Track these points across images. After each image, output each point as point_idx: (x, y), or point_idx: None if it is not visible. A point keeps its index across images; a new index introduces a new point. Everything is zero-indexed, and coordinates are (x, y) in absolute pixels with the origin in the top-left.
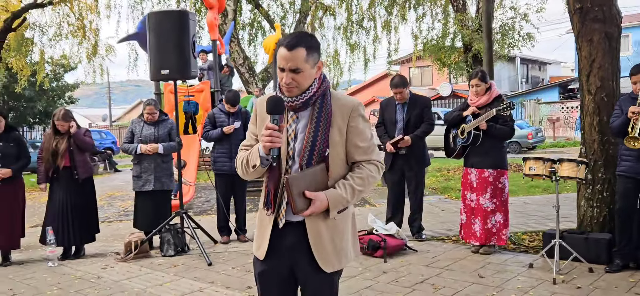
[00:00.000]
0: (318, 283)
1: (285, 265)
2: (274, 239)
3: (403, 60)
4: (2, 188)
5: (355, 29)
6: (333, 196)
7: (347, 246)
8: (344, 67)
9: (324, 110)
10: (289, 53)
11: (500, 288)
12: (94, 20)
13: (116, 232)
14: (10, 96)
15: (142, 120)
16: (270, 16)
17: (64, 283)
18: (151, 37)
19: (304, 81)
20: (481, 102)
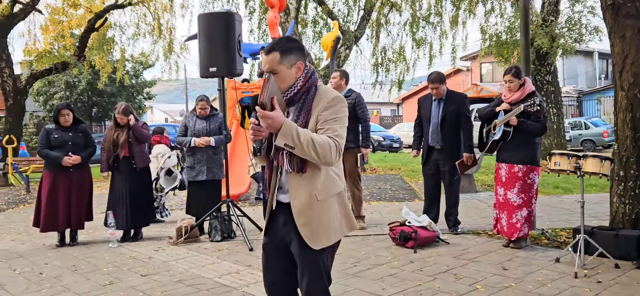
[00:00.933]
0: (305, 258)
1: (281, 240)
2: (271, 217)
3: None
4: (72, 174)
5: (422, 24)
6: (288, 124)
7: (333, 225)
8: (410, 63)
9: (306, 105)
10: (265, 57)
11: (519, 280)
12: (169, 19)
13: (174, 218)
14: (94, 92)
15: (194, 115)
16: (333, 13)
17: (118, 262)
18: (201, 37)
19: (283, 81)
20: (514, 98)
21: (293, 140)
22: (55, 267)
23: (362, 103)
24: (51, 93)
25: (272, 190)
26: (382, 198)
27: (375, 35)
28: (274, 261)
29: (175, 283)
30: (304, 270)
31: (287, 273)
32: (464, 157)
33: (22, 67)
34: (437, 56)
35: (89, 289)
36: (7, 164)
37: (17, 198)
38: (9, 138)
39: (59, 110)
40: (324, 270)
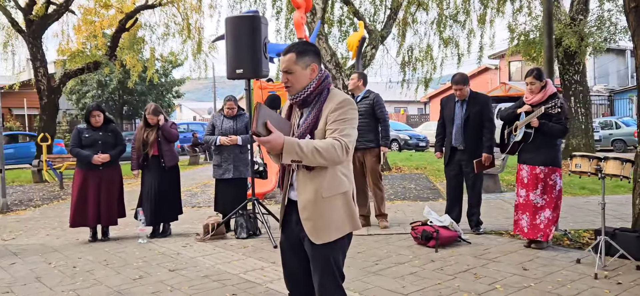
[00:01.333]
0: (314, 253)
1: (296, 236)
2: (286, 214)
3: (503, 53)
4: (102, 172)
5: (449, 23)
6: (289, 142)
7: (336, 222)
8: (437, 62)
9: (316, 107)
10: (283, 57)
11: (539, 280)
12: (198, 19)
13: (203, 216)
14: (124, 91)
15: (222, 114)
16: (359, 13)
17: (148, 257)
18: (228, 39)
19: (297, 81)
20: (535, 99)
21: (297, 155)
22: (88, 261)
23: (380, 103)
24: (84, 92)
25: (285, 188)
26: (406, 197)
27: (401, 34)
28: (290, 258)
29: (201, 278)
30: (315, 266)
31: (303, 268)
32: (483, 157)
33: (56, 66)
34: (464, 55)
35: (120, 283)
36: (42, 161)
37: (52, 195)
38: (43, 136)
39: (89, 111)
40: (335, 265)
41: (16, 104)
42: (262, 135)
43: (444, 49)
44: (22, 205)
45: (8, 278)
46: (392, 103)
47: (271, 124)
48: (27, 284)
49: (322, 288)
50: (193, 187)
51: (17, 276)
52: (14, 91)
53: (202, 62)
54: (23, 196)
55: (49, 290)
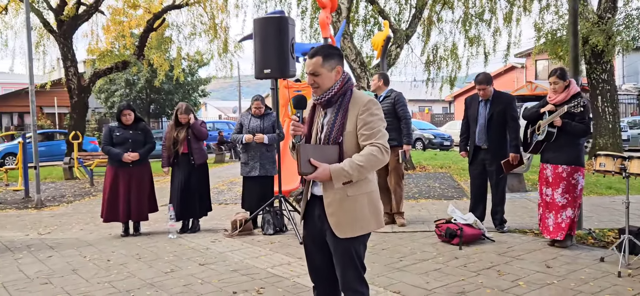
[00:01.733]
0: (337, 246)
1: (318, 230)
2: (308, 210)
3: (529, 52)
4: (132, 170)
5: (474, 21)
6: (335, 168)
7: (361, 219)
8: (462, 61)
9: (342, 107)
10: (309, 60)
11: (562, 278)
12: (224, 19)
13: (230, 212)
14: (152, 89)
15: (250, 114)
16: (384, 12)
17: (178, 252)
18: (256, 40)
19: (323, 82)
20: (559, 99)
21: (345, 177)
22: (121, 255)
23: (401, 102)
24: (112, 91)
25: (307, 183)
26: (430, 196)
27: (426, 33)
28: (313, 251)
29: (230, 272)
30: (338, 259)
31: (327, 261)
32: (510, 157)
33: (85, 65)
34: (490, 53)
35: (152, 276)
36: (73, 159)
37: (83, 191)
38: (74, 134)
39: (121, 110)
40: (357, 258)
41: (47, 102)
42: (309, 173)
43: (470, 47)
44: (55, 201)
45: (46, 270)
46: (417, 102)
47: (314, 159)
48: (64, 276)
49: (345, 279)
50: (219, 184)
51: (55, 268)
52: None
53: (227, 61)
54: (56, 192)
55: (85, 282)
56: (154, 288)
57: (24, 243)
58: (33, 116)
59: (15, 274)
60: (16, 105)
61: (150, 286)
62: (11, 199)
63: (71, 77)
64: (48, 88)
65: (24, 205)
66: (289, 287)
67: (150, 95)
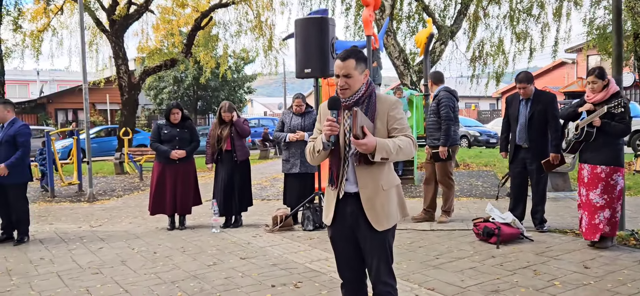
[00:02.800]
0: (372, 240)
1: (348, 227)
2: (338, 208)
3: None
4: (178, 166)
5: (522, 17)
6: (381, 143)
7: (393, 211)
8: (509, 57)
9: (370, 107)
10: (342, 63)
11: (599, 278)
12: (269, 17)
13: (272, 208)
14: (199, 87)
15: (291, 112)
16: (429, 8)
17: (221, 245)
18: (297, 40)
19: (354, 84)
20: (597, 98)
21: (387, 153)
22: (167, 248)
23: (443, 102)
24: (161, 88)
25: (340, 181)
26: (472, 194)
27: (472, 29)
28: (344, 247)
29: (270, 266)
30: (372, 251)
31: (356, 255)
32: (551, 156)
33: (135, 63)
34: (537, 49)
35: (196, 268)
36: (124, 154)
37: (132, 185)
38: (125, 130)
39: (170, 109)
40: (389, 249)
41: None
42: (360, 137)
43: (517, 43)
44: (106, 194)
45: (97, 261)
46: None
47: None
48: (113, 267)
49: (378, 271)
50: (263, 180)
51: (105, 259)
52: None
53: (272, 59)
54: (106, 186)
55: (133, 273)
56: (197, 280)
57: (77, 235)
58: (86, 113)
59: (69, 264)
60: (71, 102)
61: (193, 278)
62: (66, 192)
63: (122, 75)
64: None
65: (77, 199)
66: (325, 282)
67: (197, 92)
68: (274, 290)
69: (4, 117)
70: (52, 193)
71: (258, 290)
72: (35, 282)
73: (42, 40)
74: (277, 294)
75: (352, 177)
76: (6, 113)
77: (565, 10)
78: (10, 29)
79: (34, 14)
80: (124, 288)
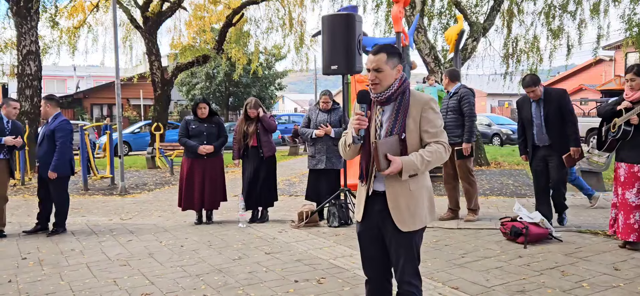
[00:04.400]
0: (398, 240)
1: (375, 225)
2: (367, 205)
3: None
4: (206, 161)
5: (558, 13)
6: (406, 161)
7: (422, 213)
8: (544, 54)
9: (403, 105)
10: (373, 57)
11: (630, 281)
12: (300, 13)
13: (299, 204)
14: (230, 83)
15: (317, 108)
16: (460, 4)
17: (247, 240)
18: (325, 36)
19: (385, 79)
20: (636, 96)
21: (414, 170)
22: (194, 242)
23: (465, 99)
24: (193, 84)
25: (369, 179)
26: (502, 193)
27: (506, 26)
28: (370, 245)
29: (294, 262)
30: (398, 251)
31: (382, 254)
32: (571, 151)
33: (168, 60)
34: (574, 46)
35: (221, 262)
36: (155, 149)
37: (163, 180)
38: (156, 125)
39: (197, 104)
40: (416, 251)
41: (133, 95)
42: (385, 169)
43: (553, 40)
44: (138, 188)
45: (126, 253)
46: (496, 96)
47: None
48: (141, 259)
49: (403, 271)
50: (292, 176)
51: (133, 251)
52: (132, 83)
53: (303, 55)
54: (138, 180)
55: (160, 265)
56: (222, 273)
57: (107, 227)
58: (119, 108)
59: (98, 256)
60: (106, 97)
61: (218, 272)
62: (98, 186)
63: (155, 71)
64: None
65: (109, 192)
66: (348, 278)
67: (229, 88)
68: (297, 286)
69: (46, 113)
70: (85, 186)
71: (281, 284)
72: (65, 273)
73: (78, 37)
74: (300, 289)
75: (380, 175)
76: (48, 108)
77: (603, 6)
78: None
79: (70, 10)
80: (150, 280)
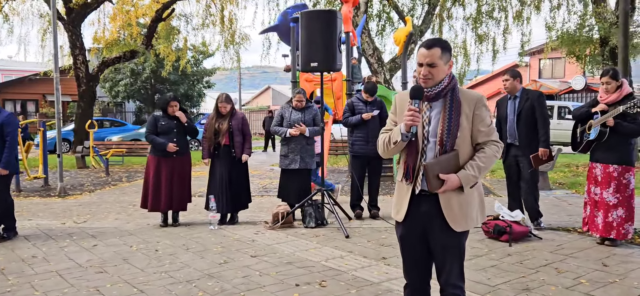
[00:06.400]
0: (446, 241)
1: (420, 226)
2: (412, 205)
3: (534, 51)
4: (175, 160)
5: (485, 19)
6: (464, 176)
7: (473, 213)
8: (472, 58)
9: (455, 101)
10: (427, 51)
11: (623, 276)
12: (232, 10)
13: (258, 205)
14: (157, 79)
15: (290, 106)
16: (399, 7)
17: (225, 243)
18: (302, 33)
19: (437, 74)
20: (611, 99)
21: (473, 181)
22: (168, 245)
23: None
24: (117, 80)
25: (415, 178)
26: None
27: (439, 30)
28: (415, 247)
29: (285, 264)
30: (445, 253)
31: (425, 256)
32: (540, 151)
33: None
34: (500, 51)
35: (207, 266)
36: (88, 147)
37: (100, 180)
38: (90, 122)
39: (167, 101)
40: (463, 251)
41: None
42: (438, 188)
43: (479, 45)
44: (76, 189)
45: (96, 259)
46: None
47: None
48: (117, 265)
49: (450, 274)
50: None
51: (104, 257)
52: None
53: (233, 53)
54: (73, 181)
55: (141, 271)
56: (214, 279)
57: (64, 232)
58: (58, 104)
59: (66, 262)
60: (19, 92)
61: (209, 277)
62: (30, 187)
63: (79, 66)
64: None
65: (46, 193)
66: (350, 280)
67: (155, 85)
68: (300, 290)
69: None
70: (18, 187)
71: (283, 289)
72: (35, 282)
73: None
74: (305, 294)
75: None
76: None
77: (526, 14)
78: None
79: None
80: (136, 287)
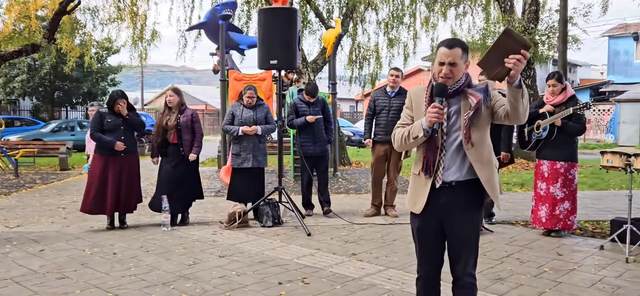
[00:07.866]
0: (467, 231)
1: (438, 218)
2: (431, 197)
3: None
4: (122, 159)
5: (396, 24)
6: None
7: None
8: (384, 62)
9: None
10: (449, 50)
11: (579, 264)
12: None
13: (202, 206)
14: (57, 76)
15: (241, 104)
16: (319, 10)
17: (186, 244)
18: (260, 31)
19: (457, 73)
20: (557, 100)
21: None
22: (125, 248)
23: None
24: (12, 76)
25: (436, 170)
26: None
27: (353, 33)
28: (432, 241)
29: (258, 264)
30: (462, 242)
31: (441, 248)
32: (502, 155)
33: None
34: (411, 56)
35: (178, 268)
36: None
37: (10, 182)
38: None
39: (115, 99)
40: (478, 240)
41: None
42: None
43: (391, 49)
44: None
45: (51, 265)
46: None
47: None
48: (77, 270)
49: (467, 262)
50: None
51: (59, 262)
52: None
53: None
54: None
55: (106, 275)
56: (191, 280)
57: (0, 237)
58: None
59: (17, 269)
60: None
61: (185, 279)
62: None
63: None
64: None
65: None
66: (330, 276)
67: (55, 82)
68: (285, 288)
69: None
70: None
71: (267, 287)
72: None
73: None
74: (291, 291)
75: (450, 165)
76: None
77: (433, 20)
78: None
79: None
80: (111, 292)
